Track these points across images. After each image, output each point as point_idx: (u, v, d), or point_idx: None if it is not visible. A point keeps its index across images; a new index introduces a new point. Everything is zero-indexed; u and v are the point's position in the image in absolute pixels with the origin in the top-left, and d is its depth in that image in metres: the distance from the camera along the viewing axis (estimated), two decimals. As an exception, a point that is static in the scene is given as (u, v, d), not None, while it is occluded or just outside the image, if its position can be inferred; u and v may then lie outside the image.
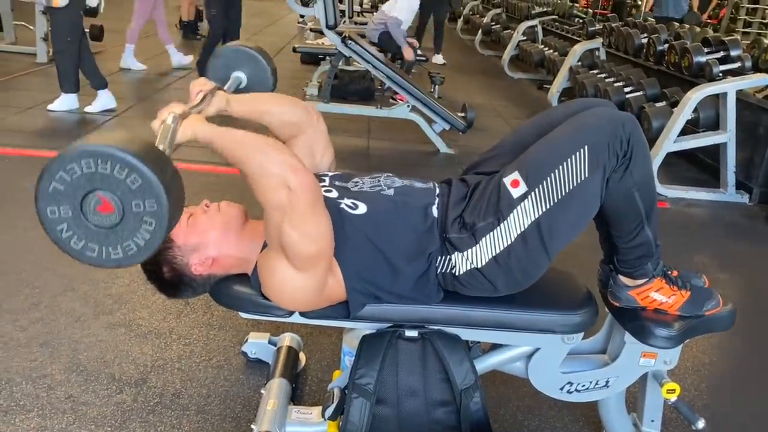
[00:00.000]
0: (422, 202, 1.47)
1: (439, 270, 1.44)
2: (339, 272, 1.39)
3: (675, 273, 1.55)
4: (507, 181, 1.38)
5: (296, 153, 1.53)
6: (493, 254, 1.39)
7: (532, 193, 1.35)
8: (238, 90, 1.71)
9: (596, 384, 1.61)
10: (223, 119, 1.42)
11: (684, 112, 4.00)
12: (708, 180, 4.36)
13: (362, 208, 1.44)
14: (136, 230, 1.05)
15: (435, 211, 1.46)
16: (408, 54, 6.02)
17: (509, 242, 1.37)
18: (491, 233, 1.38)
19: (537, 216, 1.35)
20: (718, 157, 4.14)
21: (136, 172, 1.01)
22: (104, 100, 4.71)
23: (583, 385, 1.61)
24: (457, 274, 1.42)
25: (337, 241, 1.38)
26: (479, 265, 1.40)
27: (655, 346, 1.51)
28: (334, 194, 1.47)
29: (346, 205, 1.44)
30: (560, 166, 1.33)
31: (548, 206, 1.34)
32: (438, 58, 8.52)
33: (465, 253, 1.40)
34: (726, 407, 2.03)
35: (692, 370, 2.20)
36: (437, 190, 1.52)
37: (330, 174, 1.58)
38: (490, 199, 1.40)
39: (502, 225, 1.37)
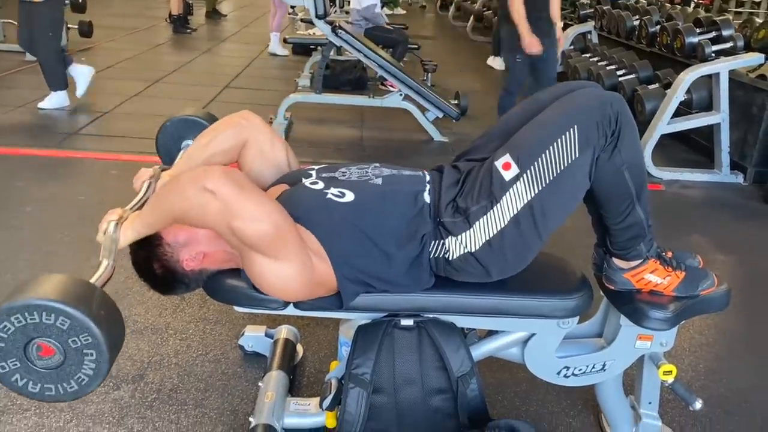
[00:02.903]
0: (412, 189, 1.46)
1: (432, 254, 1.44)
2: (328, 261, 1.38)
3: (669, 254, 1.55)
4: (498, 164, 1.38)
5: (250, 160, 1.60)
6: (487, 238, 1.38)
7: (524, 175, 1.35)
8: None
9: (593, 368, 1.61)
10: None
11: (677, 94, 3.99)
12: (702, 161, 4.35)
13: (349, 196, 1.43)
14: (81, 363, 1.12)
15: (426, 197, 1.45)
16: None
17: (502, 225, 1.37)
18: (485, 217, 1.38)
19: (530, 198, 1.35)
20: (712, 138, 4.14)
21: (62, 315, 1.07)
22: (61, 99, 4.64)
23: (580, 369, 1.61)
24: (450, 258, 1.42)
25: (325, 230, 1.38)
26: (473, 250, 1.40)
27: (650, 328, 1.51)
28: (320, 185, 1.46)
29: (333, 194, 1.43)
30: (551, 147, 1.33)
31: (540, 188, 1.34)
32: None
33: (459, 237, 1.40)
34: (723, 387, 2.04)
35: (689, 351, 2.21)
36: (427, 177, 1.51)
37: (317, 167, 1.57)
38: (482, 183, 1.40)
39: (495, 208, 1.37)
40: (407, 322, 1.50)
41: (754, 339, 2.34)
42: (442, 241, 1.42)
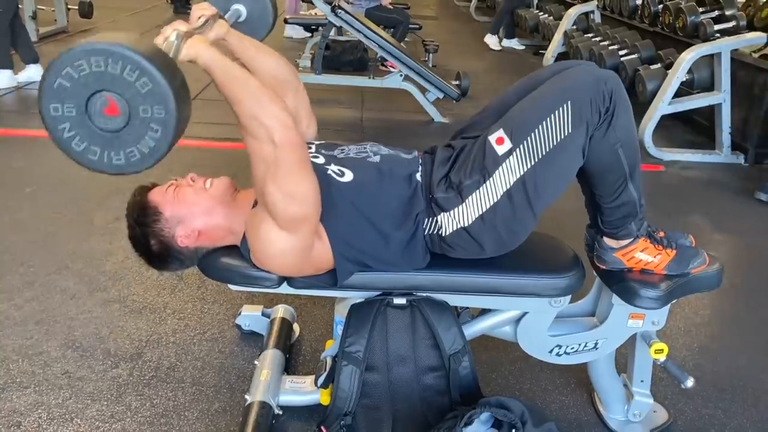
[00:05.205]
0: (406, 170, 1.47)
1: (426, 232, 1.45)
2: (326, 239, 1.39)
3: (661, 234, 1.55)
4: (492, 138, 1.38)
5: None
6: (480, 213, 1.39)
7: (517, 150, 1.35)
8: (236, 23, 1.69)
9: (585, 346, 1.63)
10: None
11: (678, 74, 3.96)
12: (704, 142, 4.33)
13: (349, 176, 1.44)
14: (141, 136, 1.02)
15: (419, 177, 1.46)
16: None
17: (495, 200, 1.38)
18: (477, 191, 1.38)
19: (522, 173, 1.35)
20: (714, 119, 4.11)
21: (146, 76, 0.98)
22: (32, 72, 4.65)
23: (572, 348, 1.63)
24: (443, 235, 1.43)
25: (324, 207, 1.38)
26: (465, 224, 1.40)
27: (641, 307, 1.52)
28: (321, 160, 1.47)
29: (333, 171, 1.44)
30: (543, 122, 1.33)
31: (533, 162, 1.35)
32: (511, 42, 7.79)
33: (451, 212, 1.41)
34: (717, 366, 2.05)
35: (684, 331, 2.22)
36: (420, 159, 1.52)
37: (316, 143, 1.57)
38: (475, 158, 1.40)
39: (487, 182, 1.37)
40: (400, 300, 1.52)
41: (749, 318, 2.35)
42: (434, 218, 1.43)
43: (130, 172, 1.06)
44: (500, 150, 1.36)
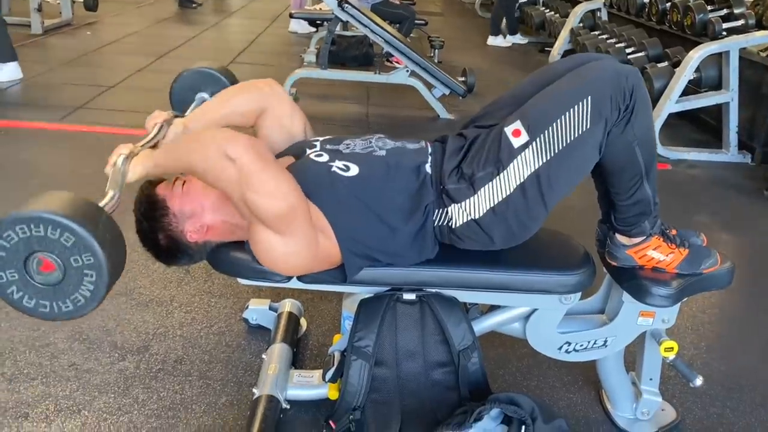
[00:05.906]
0: (414, 162, 1.46)
1: (436, 223, 1.44)
2: (333, 235, 1.38)
3: (674, 232, 1.54)
4: (508, 130, 1.37)
5: (267, 129, 1.60)
6: (491, 205, 1.38)
7: (534, 143, 1.34)
8: None
9: (594, 343, 1.62)
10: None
11: (686, 72, 3.94)
12: (710, 141, 4.32)
13: (354, 170, 1.43)
14: (79, 283, 1.11)
15: (428, 168, 1.45)
16: None
17: (508, 193, 1.36)
18: (490, 183, 1.37)
19: (537, 166, 1.34)
20: (721, 118, 4.10)
21: (67, 231, 1.07)
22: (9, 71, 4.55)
23: (582, 345, 1.62)
24: (453, 226, 1.42)
25: (330, 204, 1.38)
26: (476, 216, 1.39)
27: (652, 305, 1.51)
28: (324, 158, 1.46)
29: (338, 167, 1.43)
30: (562, 117, 1.32)
31: (549, 157, 1.33)
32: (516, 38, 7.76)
33: (462, 204, 1.40)
34: (725, 365, 2.04)
35: (692, 330, 2.21)
36: (429, 149, 1.50)
37: (321, 139, 1.57)
38: (490, 149, 1.38)
39: (501, 175, 1.36)
40: (410, 296, 1.51)
41: (757, 318, 2.35)
42: (445, 209, 1.42)
43: (80, 315, 1.16)
44: (516, 142, 1.35)
